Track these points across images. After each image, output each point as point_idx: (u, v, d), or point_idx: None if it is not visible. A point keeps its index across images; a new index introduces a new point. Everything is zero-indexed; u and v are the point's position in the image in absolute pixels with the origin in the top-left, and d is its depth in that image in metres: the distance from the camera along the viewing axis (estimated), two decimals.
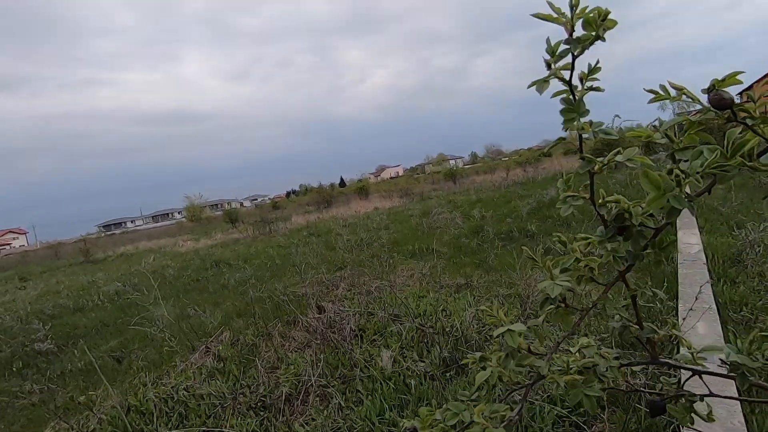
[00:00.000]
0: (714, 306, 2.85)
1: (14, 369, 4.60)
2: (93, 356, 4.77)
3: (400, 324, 3.99)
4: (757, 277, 3.47)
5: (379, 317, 4.23)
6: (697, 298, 2.13)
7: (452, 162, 66.91)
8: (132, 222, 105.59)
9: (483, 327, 3.63)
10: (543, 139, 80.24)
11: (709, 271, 3.57)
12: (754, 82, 43.62)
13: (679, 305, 2.94)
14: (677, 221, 5.60)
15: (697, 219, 5.74)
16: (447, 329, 3.61)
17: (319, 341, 3.91)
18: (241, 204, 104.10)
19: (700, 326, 2.61)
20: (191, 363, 3.97)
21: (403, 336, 3.68)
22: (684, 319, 2.72)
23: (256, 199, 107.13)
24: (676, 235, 5.00)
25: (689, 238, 4.63)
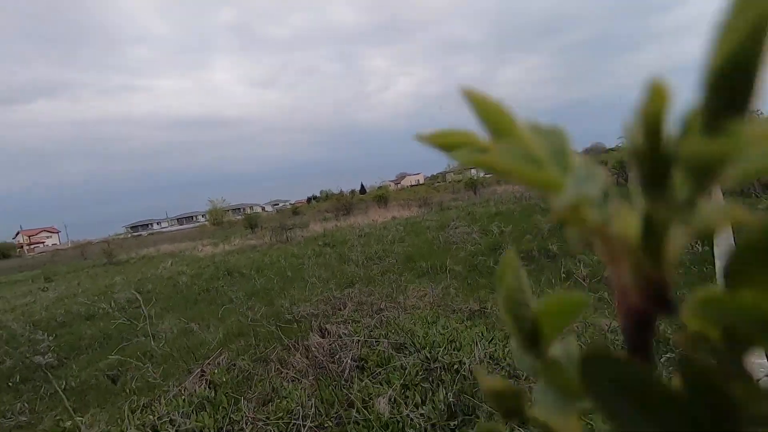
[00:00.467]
0: None
1: (10, 384, 4.52)
2: (89, 373, 4.66)
3: (405, 356, 3.69)
4: None
5: (384, 346, 3.95)
6: None
7: (473, 171, 66.18)
8: (158, 224, 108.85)
9: (495, 366, 3.30)
10: None
11: None
12: None
13: None
14: (715, 250, 5.12)
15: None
16: (455, 367, 3.29)
17: (316, 372, 3.65)
18: (263, 208, 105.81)
19: None
20: (184, 388, 3.78)
21: (407, 371, 3.39)
22: None
23: (278, 204, 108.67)
24: (713, 264, 4.53)
25: None
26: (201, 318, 6.33)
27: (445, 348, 3.71)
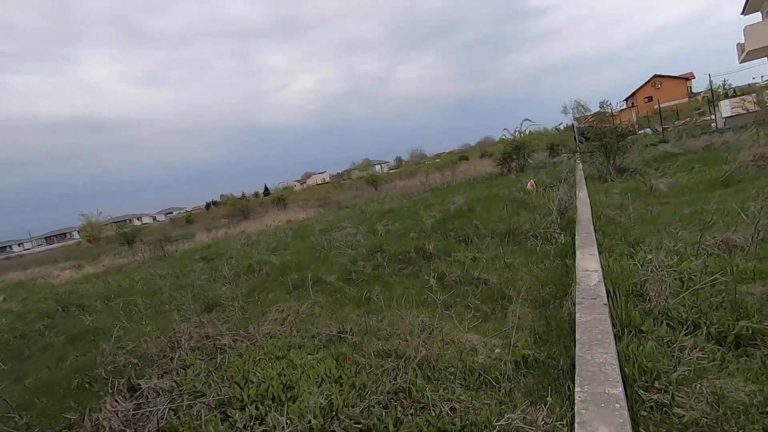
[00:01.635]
0: (621, 387, 2.04)
1: None
2: None
3: (225, 419, 2.80)
4: (664, 319, 2.80)
5: (202, 406, 3.01)
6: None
7: (377, 167, 66.94)
8: (19, 245, 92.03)
9: (332, 421, 2.57)
10: (464, 143, 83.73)
11: (611, 315, 2.84)
12: (636, 90, 49.41)
13: (576, 388, 2.09)
14: (576, 237, 5.05)
15: (596, 231, 5.26)
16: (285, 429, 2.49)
17: None
18: (154, 218, 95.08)
19: None
20: None
21: None
22: (579, 422, 1.85)
23: (171, 213, 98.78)
24: (574, 256, 4.38)
25: (588, 262, 3.99)
26: None
27: (277, 400, 2.90)
